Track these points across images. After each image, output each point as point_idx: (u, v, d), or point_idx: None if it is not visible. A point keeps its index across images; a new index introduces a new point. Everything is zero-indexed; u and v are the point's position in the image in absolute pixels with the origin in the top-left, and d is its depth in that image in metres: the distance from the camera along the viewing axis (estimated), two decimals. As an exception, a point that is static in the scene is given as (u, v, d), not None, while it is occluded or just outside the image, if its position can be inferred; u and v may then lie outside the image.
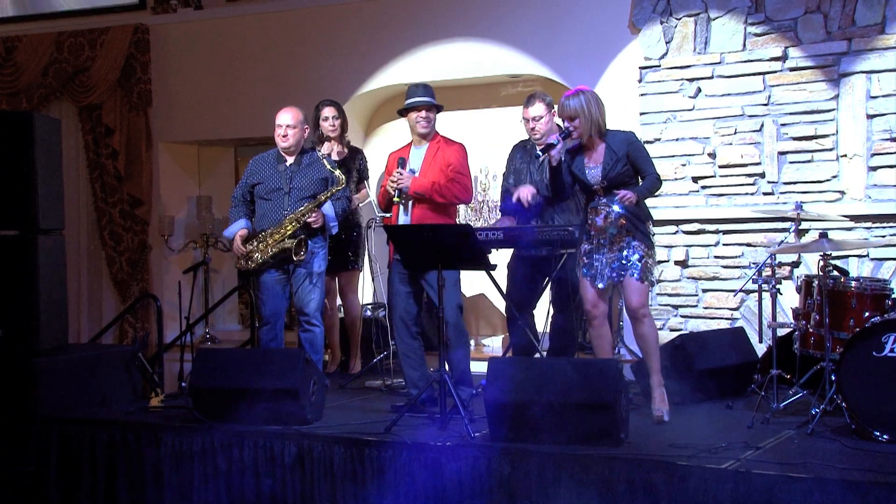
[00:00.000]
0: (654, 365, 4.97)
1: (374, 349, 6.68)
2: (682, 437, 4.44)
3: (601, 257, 4.94)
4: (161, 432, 5.08)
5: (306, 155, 5.72)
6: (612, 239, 4.92)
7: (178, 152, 8.74)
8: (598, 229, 4.95)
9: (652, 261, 4.97)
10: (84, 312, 8.73)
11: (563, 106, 4.95)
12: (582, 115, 4.89)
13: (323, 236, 5.69)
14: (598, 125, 4.93)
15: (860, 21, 6.12)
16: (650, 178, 4.91)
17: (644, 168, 4.93)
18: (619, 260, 4.91)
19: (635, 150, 4.95)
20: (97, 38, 8.48)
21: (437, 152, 5.45)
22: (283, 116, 5.70)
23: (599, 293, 5.00)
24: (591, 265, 4.98)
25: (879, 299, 4.89)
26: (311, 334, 5.64)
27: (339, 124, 6.44)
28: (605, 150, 4.93)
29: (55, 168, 5.97)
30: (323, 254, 5.70)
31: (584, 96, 4.92)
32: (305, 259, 5.55)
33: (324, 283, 5.74)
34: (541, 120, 5.71)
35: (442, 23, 7.44)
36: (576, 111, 4.90)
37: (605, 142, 4.94)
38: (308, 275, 5.60)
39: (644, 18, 6.71)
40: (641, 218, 4.95)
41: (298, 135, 5.70)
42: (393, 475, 4.52)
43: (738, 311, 6.43)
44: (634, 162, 4.91)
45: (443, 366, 4.94)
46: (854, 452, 4.20)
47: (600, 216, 4.93)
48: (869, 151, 6.11)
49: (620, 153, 4.89)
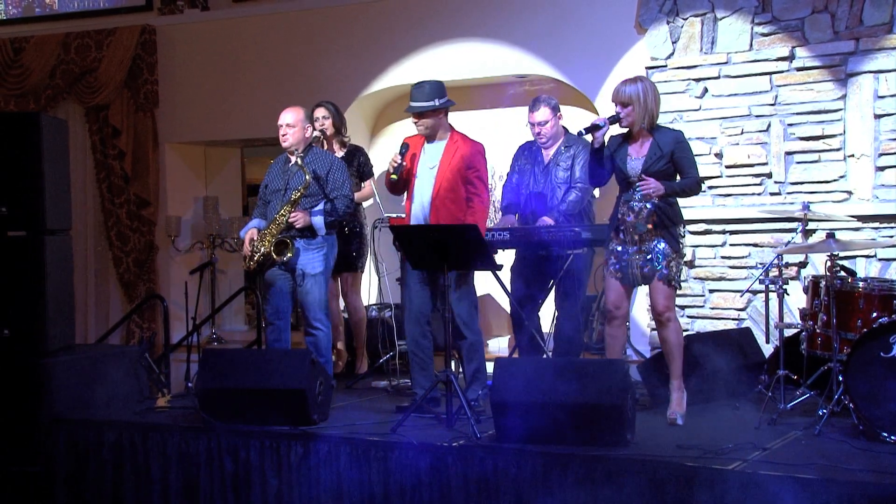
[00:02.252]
0: (675, 370, 4.93)
1: (380, 350, 6.68)
2: (688, 438, 4.44)
3: (628, 256, 4.88)
4: (167, 433, 5.08)
5: (309, 154, 5.72)
6: (642, 237, 4.84)
7: (185, 153, 8.75)
8: (628, 225, 4.87)
9: (679, 263, 4.90)
10: (91, 313, 8.75)
11: (618, 91, 4.82)
12: (636, 103, 4.78)
13: (319, 236, 5.62)
14: (652, 117, 4.81)
15: (868, 21, 6.11)
16: (690, 180, 4.82)
17: (687, 170, 4.83)
18: (646, 261, 4.84)
19: (682, 149, 4.84)
20: (104, 39, 8.50)
21: (456, 151, 5.34)
22: (283, 116, 5.70)
23: (624, 293, 4.95)
24: (619, 263, 4.90)
25: (887, 300, 4.87)
26: (314, 338, 5.61)
27: (329, 124, 6.43)
28: (652, 144, 4.83)
29: (62, 169, 5.98)
30: (320, 254, 5.62)
31: (641, 84, 4.80)
32: (291, 260, 5.52)
33: (324, 283, 5.68)
34: (546, 124, 5.68)
35: (448, 23, 7.44)
36: (630, 98, 4.78)
37: (652, 136, 4.85)
38: (303, 276, 5.58)
39: (650, 18, 6.70)
40: (673, 219, 4.86)
41: (299, 134, 5.69)
42: (399, 476, 4.52)
43: (744, 311, 6.42)
44: (678, 162, 4.82)
45: (449, 366, 4.94)
46: (862, 453, 4.19)
47: (632, 213, 4.83)
48: (876, 151, 6.09)
49: (666, 150, 4.80)
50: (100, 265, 8.76)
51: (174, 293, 8.11)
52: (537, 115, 5.69)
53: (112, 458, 5.18)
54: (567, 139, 5.80)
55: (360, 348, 6.72)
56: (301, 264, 5.58)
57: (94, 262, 8.77)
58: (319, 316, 5.62)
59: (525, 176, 5.85)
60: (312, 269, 5.60)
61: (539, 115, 5.68)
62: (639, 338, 6.61)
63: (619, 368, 4.52)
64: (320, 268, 5.63)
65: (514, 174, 5.94)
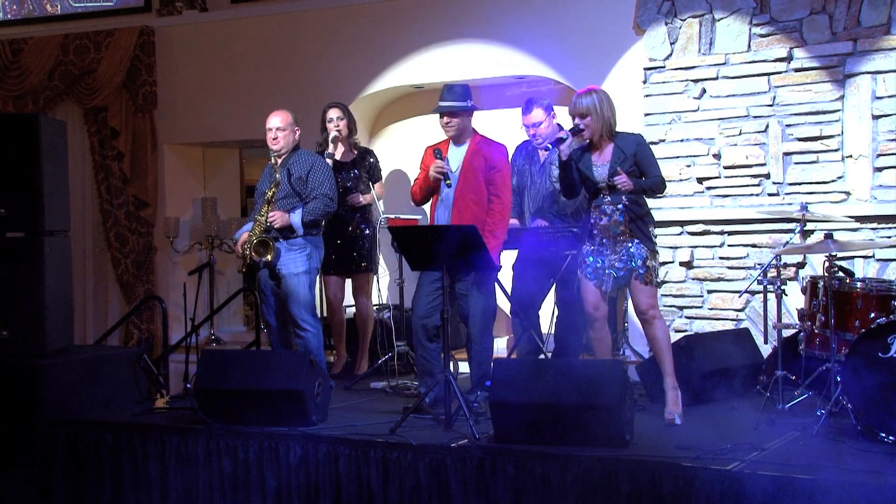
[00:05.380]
0: (666, 367, 4.95)
1: (379, 350, 6.68)
2: (687, 439, 4.43)
3: (603, 259, 4.95)
4: (166, 434, 5.08)
5: (293, 156, 5.72)
6: (616, 240, 4.92)
7: (184, 154, 8.75)
8: (601, 228, 4.94)
9: (655, 262, 4.97)
10: (89, 314, 8.75)
11: (575, 104, 4.93)
12: (594, 114, 4.89)
13: (301, 237, 5.60)
14: (609, 125, 4.93)
15: (865, 22, 6.12)
16: (655, 179, 4.93)
17: (649, 170, 4.93)
18: (622, 262, 4.91)
19: (643, 151, 4.96)
20: (103, 40, 8.50)
21: (477, 153, 5.33)
22: (272, 119, 5.71)
23: (601, 295, 5.00)
24: (593, 266, 4.98)
25: (885, 300, 4.87)
26: (303, 339, 5.62)
27: (344, 125, 6.43)
28: (614, 149, 4.93)
29: (61, 170, 5.99)
30: (302, 255, 5.61)
31: (596, 95, 4.92)
32: (272, 260, 5.54)
33: (308, 284, 5.65)
34: (541, 125, 5.72)
35: (446, 24, 7.44)
36: (588, 109, 4.89)
37: (613, 142, 4.95)
38: (284, 276, 5.58)
39: (649, 19, 6.71)
40: (644, 219, 4.96)
41: (290, 137, 5.71)
42: (398, 476, 4.52)
43: (743, 312, 6.42)
44: (640, 163, 4.92)
45: (447, 367, 4.94)
46: (860, 454, 4.18)
47: (605, 216, 4.93)
48: (874, 152, 6.10)
49: (629, 152, 4.90)
50: (98, 266, 8.76)
51: (173, 294, 8.10)
52: (531, 117, 5.71)
53: (111, 459, 5.17)
54: None
55: (364, 349, 6.70)
56: (282, 265, 5.57)
57: (93, 264, 8.77)
58: (305, 317, 5.61)
59: (522, 176, 5.86)
60: (294, 268, 5.59)
61: (533, 117, 5.70)
62: (637, 339, 6.61)
63: (618, 369, 4.53)
64: (302, 268, 5.61)
65: (513, 176, 5.94)
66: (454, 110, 5.30)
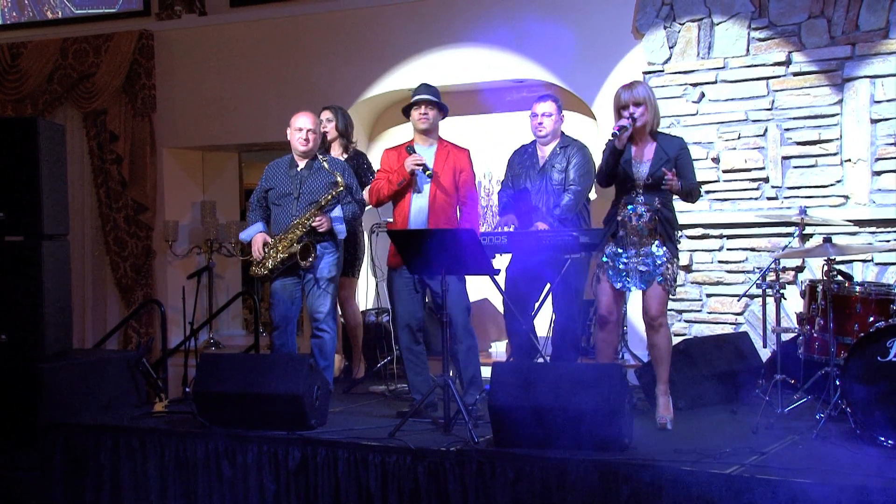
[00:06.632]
0: (662, 374, 4.95)
1: (377, 354, 6.68)
2: (686, 443, 4.44)
3: (627, 261, 4.90)
4: (165, 438, 5.08)
5: (317, 160, 5.73)
6: (642, 241, 4.87)
7: (183, 158, 8.75)
8: (631, 228, 4.89)
9: (675, 268, 4.93)
10: (88, 318, 8.74)
11: (632, 92, 4.87)
12: (648, 103, 4.86)
13: (333, 241, 5.68)
14: (656, 118, 4.92)
15: (864, 26, 6.12)
16: (694, 184, 4.91)
17: (689, 176, 4.90)
18: (645, 265, 4.86)
19: (685, 156, 4.93)
20: (102, 44, 8.51)
21: (448, 156, 5.49)
22: (304, 120, 5.69)
23: (617, 299, 4.97)
24: (616, 268, 4.93)
25: (884, 304, 4.88)
26: (321, 340, 5.64)
27: (332, 127, 6.44)
28: (656, 148, 4.89)
29: (60, 174, 5.98)
30: (333, 259, 5.69)
31: (648, 87, 4.91)
32: (314, 264, 5.56)
33: (335, 288, 5.74)
34: (550, 117, 5.77)
35: (445, 28, 7.45)
36: (644, 98, 4.85)
37: (655, 141, 4.91)
38: (317, 280, 5.60)
39: (647, 23, 6.71)
40: (672, 224, 4.93)
41: (318, 139, 5.74)
42: (396, 480, 4.52)
43: (742, 315, 6.42)
44: (680, 167, 4.88)
45: (447, 370, 4.94)
46: (859, 458, 4.19)
47: (636, 216, 4.87)
48: (873, 156, 6.10)
49: (671, 154, 4.87)
50: (97, 270, 8.75)
51: (171, 298, 8.10)
52: (544, 106, 5.80)
53: (110, 463, 5.17)
54: (563, 140, 5.85)
55: (357, 353, 6.72)
56: (318, 269, 5.60)
57: (92, 267, 8.77)
58: (328, 319, 5.65)
59: (521, 179, 5.88)
60: (329, 272, 5.65)
61: (544, 107, 5.80)
62: (636, 342, 6.61)
63: (617, 373, 4.52)
64: (334, 272, 5.71)
65: (510, 178, 5.97)
66: (436, 101, 5.48)
